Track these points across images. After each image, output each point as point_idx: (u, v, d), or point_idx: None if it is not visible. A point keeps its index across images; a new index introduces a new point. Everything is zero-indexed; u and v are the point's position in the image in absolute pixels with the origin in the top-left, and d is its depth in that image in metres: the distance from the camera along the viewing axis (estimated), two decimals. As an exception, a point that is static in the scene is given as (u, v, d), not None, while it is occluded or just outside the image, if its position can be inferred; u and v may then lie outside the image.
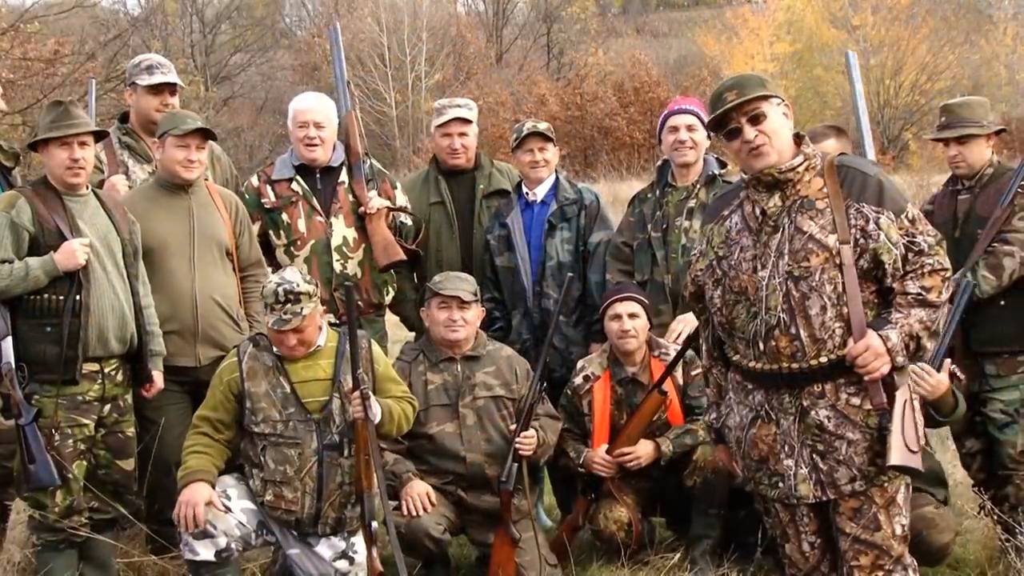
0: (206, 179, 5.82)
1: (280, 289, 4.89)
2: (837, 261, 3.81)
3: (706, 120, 4.32)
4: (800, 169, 3.92)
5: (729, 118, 3.94)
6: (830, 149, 5.22)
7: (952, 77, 37.38)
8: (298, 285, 4.89)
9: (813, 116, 34.27)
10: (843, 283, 3.80)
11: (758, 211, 3.98)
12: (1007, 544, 5.03)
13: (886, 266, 3.79)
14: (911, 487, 4.01)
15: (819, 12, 41.34)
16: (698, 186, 5.93)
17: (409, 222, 6.25)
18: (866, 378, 3.79)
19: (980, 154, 5.45)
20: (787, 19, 41.76)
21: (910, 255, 3.79)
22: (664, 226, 5.94)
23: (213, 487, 4.87)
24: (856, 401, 3.86)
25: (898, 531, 3.94)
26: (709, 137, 6.00)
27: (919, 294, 3.76)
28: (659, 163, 6.28)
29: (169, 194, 5.54)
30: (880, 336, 3.75)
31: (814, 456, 3.93)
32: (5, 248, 4.86)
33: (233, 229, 5.69)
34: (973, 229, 5.34)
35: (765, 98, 3.92)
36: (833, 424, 3.89)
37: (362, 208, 6.01)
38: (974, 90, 33.06)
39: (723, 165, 6.08)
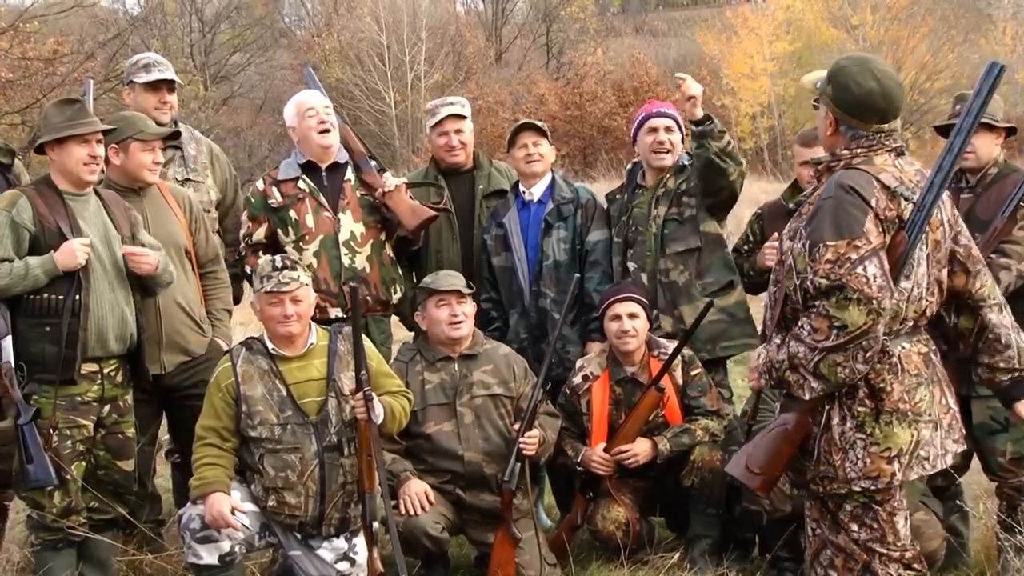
0: (164, 182, 5.77)
1: (277, 257, 5.06)
2: (785, 265, 3.80)
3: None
4: (820, 168, 3.89)
5: None
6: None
7: (952, 76, 37.32)
8: (293, 259, 5.08)
9: (813, 116, 34.11)
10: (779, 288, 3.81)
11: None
12: (1006, 543, 5.03)
13: (788, 292, 3.76)
14: (874, 506, 3.86)
15: (818, 11, 41.33)
16: (667, 176, 5.96)
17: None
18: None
19: (989, 148, 5.38)
20: (787, 18, 41.76)
21: (806, 292, 3.68)
22: (632, 227, 5.98)
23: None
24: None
25: (852, 542, 3.90)
26: (683, 140, 6.03)
27: (800, 329, 3.66)
28: (629, 165, 6.29)
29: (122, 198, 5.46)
30: (758, 352, 3.80)
31: None
32: (5, 247, 4.86)
33: (189, 227, 5.65)
34: (971, 232, 5.27)
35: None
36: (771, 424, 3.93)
37: (379, 191, 6.00)
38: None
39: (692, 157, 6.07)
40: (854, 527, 3.87)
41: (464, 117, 6.38)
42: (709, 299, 5.61)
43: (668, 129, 5.94)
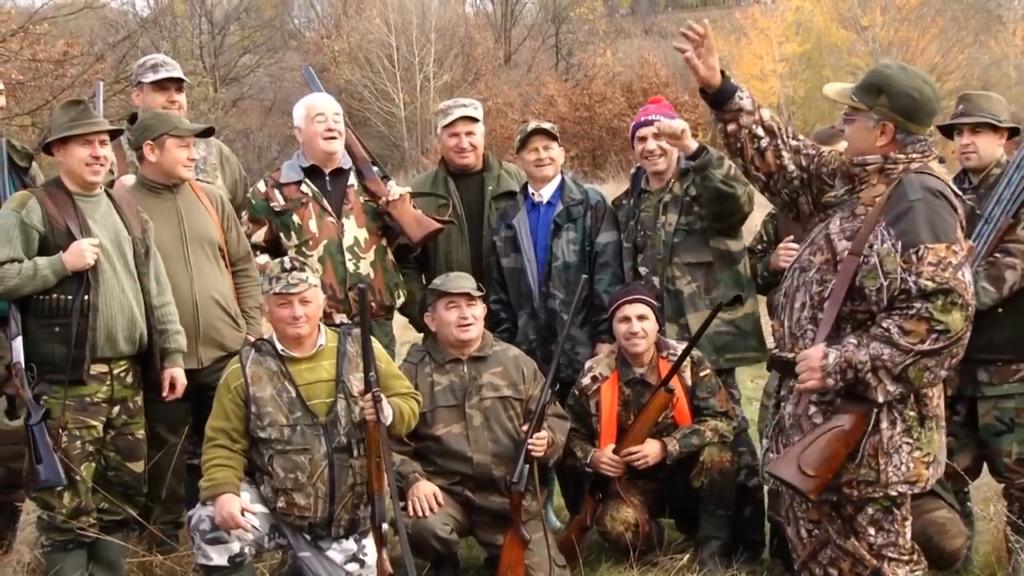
0: (194, 180, 5.78)
1: (286, 259, 5.11)
2: (837, 267, 3.77)
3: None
4: (869, 169, 3.86)
5: None
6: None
7: (962, 77, 37.22)
8: (302, 260, 5.14)
9: (822, 117, 34.19)
10: (831, 289, 3.77)
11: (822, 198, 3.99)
12: (1017, 545, 5.02)
13: (867, 291, 3.70)
14: (894, 510, 3.91)
15: (828, 12, 41.25)
16: (672, 181, 5.94)
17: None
18: (796, 387, 3.79)
19: (991, 148, 5.35)
20: (796, 19, 41.67)
21: (899, 292, 3.63)
22: (640, 232, 5.96)
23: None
24: (813, 410, 3.84)
25: (866, 547, 3.89)
26: None
27: (887, 331, 3.61)
28: (633, 170, 6.29)
29: (156, 196, 5.50)
30: (823, 351, 3.70)
31: (781, 446, 3.96)
32: (15, 247, 4.88)
33: (221, 224, 5.67)
34: (972, 231, 5.26)
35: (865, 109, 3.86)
36: (789, 423, 3.92)
37: (382, 199, 6.00)
38: (983, 91, 32.90)
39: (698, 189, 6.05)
40: (871, 531, 3.87)
41: (476, 120, 6.37)
42: (719, 301, 5.61)
43: (658, 135, 5.93)
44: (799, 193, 4.13)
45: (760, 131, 4.09)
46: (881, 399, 3.67)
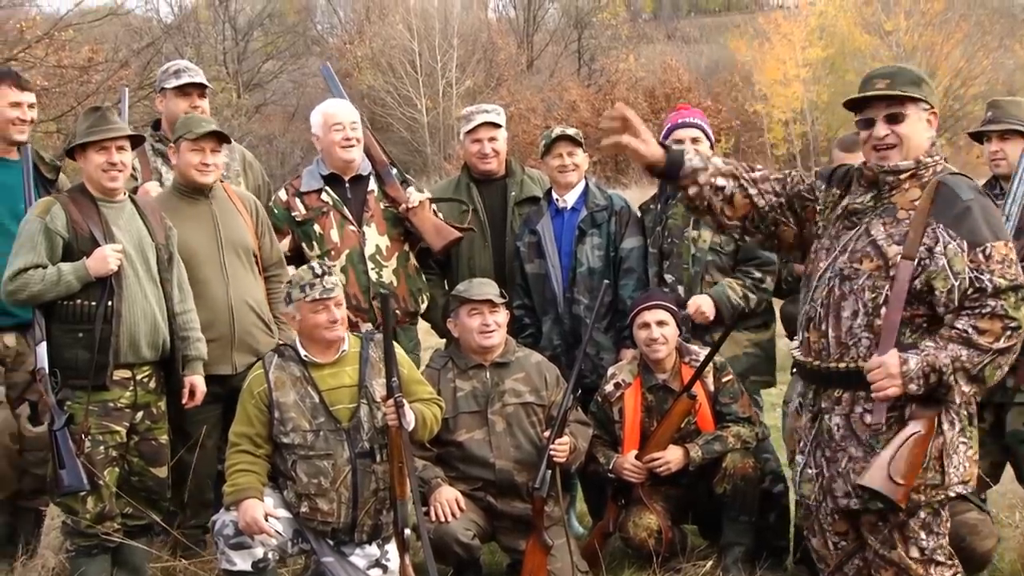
0: (229, 185, 5.82)
1: (315, 264, 5.10)
2: (890, 273, 3.72)
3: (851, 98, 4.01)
4: (903, 176, 3.83)
5: (869, 105, 3.87)
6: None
7: (986, 82, 37.12)
8: (329, 264, 5.15)
9: (845, 122, 34.04)
10: (886, 296, 3.73)
11: (846, 203, 3.94)
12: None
13: (937, 293, 3.66)
14: (941, 511, 3.88)
15: (852, 17, 41.16)
16: None
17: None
18: (874, 395, 3.73)
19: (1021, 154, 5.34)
20: (819, 24, 41.60)
21: (971, 291, 3.61)
22: (668, 239, 5.93)
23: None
24: (868, 418, 3.79)
25: (915, 554, 3.85)
26: (712, 147, 5.99)
27: (965, 332, 3.60)
28: None
29: (190, 200, 5.53)
30: (900, 358, 3.66)
31: (822, 460, 3.92)
32: (39, 253, 4.89)
33: (255, 230, 5.69)
34: None
35: (913, 100, 3.81)
36: (840, 435, 3.86)
37: (402, 206, 6.01)
38: (1009, 95, 32.72)
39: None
40: (923, 535, 3.85)
41: (499, 126, 6.37)
42: (740, 308, 5.61)
43: (695, 140, 5.90)
44: (777, 224, 4.09)
45: (720, 180, 4.04)
46: (958, 400, 3.70)
